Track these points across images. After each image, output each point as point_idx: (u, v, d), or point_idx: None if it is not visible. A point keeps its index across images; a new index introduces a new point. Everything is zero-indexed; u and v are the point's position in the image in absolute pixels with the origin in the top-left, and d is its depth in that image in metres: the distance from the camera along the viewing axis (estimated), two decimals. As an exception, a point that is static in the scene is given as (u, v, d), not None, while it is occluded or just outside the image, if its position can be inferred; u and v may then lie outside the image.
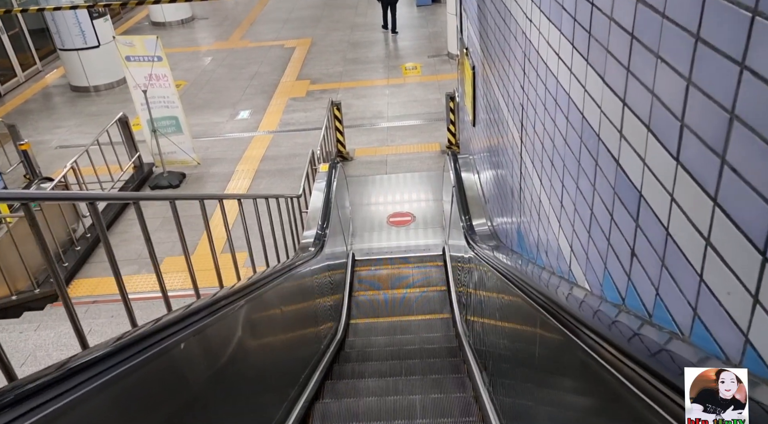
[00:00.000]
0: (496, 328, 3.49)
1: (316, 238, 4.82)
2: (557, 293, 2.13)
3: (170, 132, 7.93)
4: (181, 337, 1.92)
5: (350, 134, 9.10)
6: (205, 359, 2.26)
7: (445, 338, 4.46)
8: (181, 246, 3.16)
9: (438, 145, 8.67)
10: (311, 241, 4.79)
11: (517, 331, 2.81)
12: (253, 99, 10.83)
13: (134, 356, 1.54)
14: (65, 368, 1.30)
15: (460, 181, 5.61)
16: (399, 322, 4.81)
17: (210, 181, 8.09)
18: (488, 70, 4.65)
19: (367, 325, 4.86)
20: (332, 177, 5.94)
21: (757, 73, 0.93)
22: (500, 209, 4.55)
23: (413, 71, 11.68)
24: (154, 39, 7.26)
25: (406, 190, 7.58)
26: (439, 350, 4.14)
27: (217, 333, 2.47)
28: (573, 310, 1.74)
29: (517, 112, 3.49)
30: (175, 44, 14.52)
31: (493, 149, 4.71)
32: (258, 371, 2.90)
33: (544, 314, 2.02)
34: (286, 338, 3.62)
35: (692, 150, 1.18)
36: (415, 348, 4.19)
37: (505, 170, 4.22)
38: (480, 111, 5.45)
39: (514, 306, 2.83)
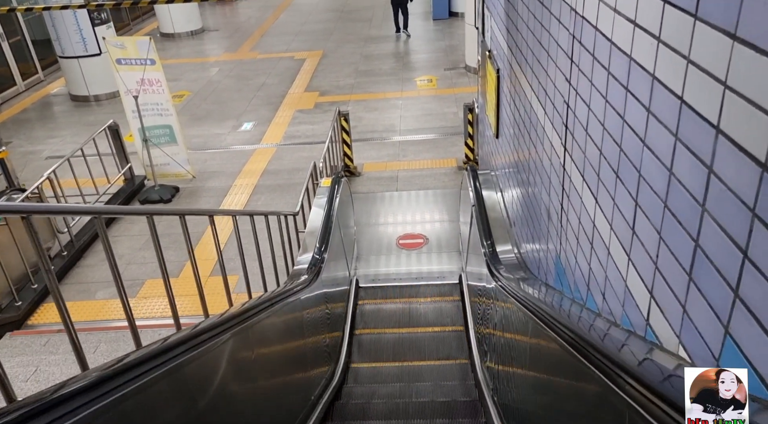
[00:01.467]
0: (527, 380, 2.74)
1: (311, 263, 4.11)
2: (646, 371, 1.38)
3: (163, 142, 7.31)
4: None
5: (359, 148, 8.44)
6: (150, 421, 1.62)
7: (463, 389, 3.70)
8: (160, 269, 2.90)
9: (454, 160, 7.97)
10: (305, 267, 4.08)
11: (557, 388, 2.08)
12: (258, 110, 10.24)
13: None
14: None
15: (480, 200, 4.90)
16: (408, 367, 4.07)
17: (205, 195, 7.44)
18: (517, 70, 3.95)
19: (370, 370, 4.12)
20: (335, 193, 5.25)
21: None
22: (530, 234, 3.83)
23: (428, 84, 11.04)
24: (147, 40, 6.68)
25: (418, 210, 6.87)
26: (454, 404, 3.39)
27: (167, 388, 1.81)
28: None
29: (559, 114, 2.79)
30: (183, 55, 14.06)
31: (522, 163, 4.01)
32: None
33: (606, 382, 1.31)
34: (263, 387, 2.90)
35: None
36: (427, 401, 3.44)
37: (537, 188, 3.51)
38: (505, 121, 4.75)
39: (553, 357, 2.10)
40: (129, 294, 5.38)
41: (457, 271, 5.75)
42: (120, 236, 6.58)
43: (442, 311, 4.95)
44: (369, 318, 4.92)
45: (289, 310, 3.41)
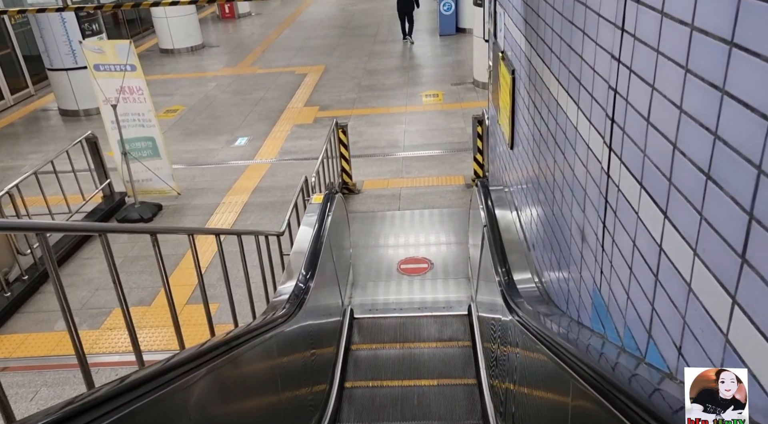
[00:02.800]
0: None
1: (293, 293, 3.45)
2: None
3: (145, 156, 6.72)
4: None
5: (359, 164, 7.82)
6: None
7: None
8: (118, 298, 2.54)
9: (462, 178, 7.34)
10: (285, 297, 3.42)
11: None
12: (254, 125, 9.68)
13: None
14: None
15: (493, 219, 4.25)
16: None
17: (190, 214, 6.82)
18: (539, 65, 3.34)
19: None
20: (327, 211, 4.61)
21: None
22: (554, 260, 3.17)
23: (434, 99, 10.47)
24: (126, 44, 6.13)
25: (422, 231, 6.22)
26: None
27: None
28: None
29: (600, 105, 2.15)
30: (180, 70, 13.61)
31: (544, 176, 3.37)
32: None
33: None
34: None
35: None
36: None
37: (565, 203, 2.87)
38: (521, 128, 4.13)
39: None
40: (93, 325, 4.69)
41: (465, 300, 5.07)
42: (92, 258, 5.96)
43: (450, 359, 4.24)
44: (364, 366, 4.22)
45: (259, 354, 2.74)
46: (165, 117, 10.32)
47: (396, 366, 4.08)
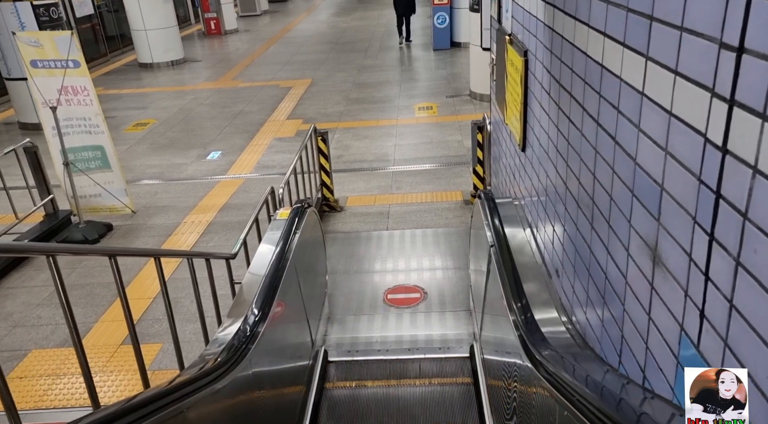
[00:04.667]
0: None
1: (233, 341, 2.50)
2: None
3: (93, 168, 5.80)
4: None
5: (343, 179, 6.94)
6: None
7: None
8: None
9: (459, 194, 6.44)
10: (222, 346, 2.47)
11: None
12: (230, 139, 8.79)
13: None
14: None
15: (502, 239, 3.33)
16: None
17: (144, 235, 5.87)
18: (571, 26, 2.47)
19: None
20: (294, 228, 3.69)
21: None
22: (593, 292, 2.27)
23: (428, 111, 9.64)
24: (68, 35, 5.25)
25: (414, 254, 5.29)
26: None
27: None
28: None
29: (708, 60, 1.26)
30: (158, 84, 12.78)
31: (576, 179, 2.47)
32: None
33: None
34: None
35: None
36: None
37: (614, 213, 1.97)
38: (537, 122, 3.25)
39: None
40: (4, 370, 3.62)
41: (466, 339, 4.12)
42: (17, 288, 4.98)
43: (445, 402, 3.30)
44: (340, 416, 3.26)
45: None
46: (133, 130, 9.44)
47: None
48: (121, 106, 10.96)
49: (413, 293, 4.65)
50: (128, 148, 8.60)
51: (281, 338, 3.29)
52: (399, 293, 4.65)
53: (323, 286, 4.54)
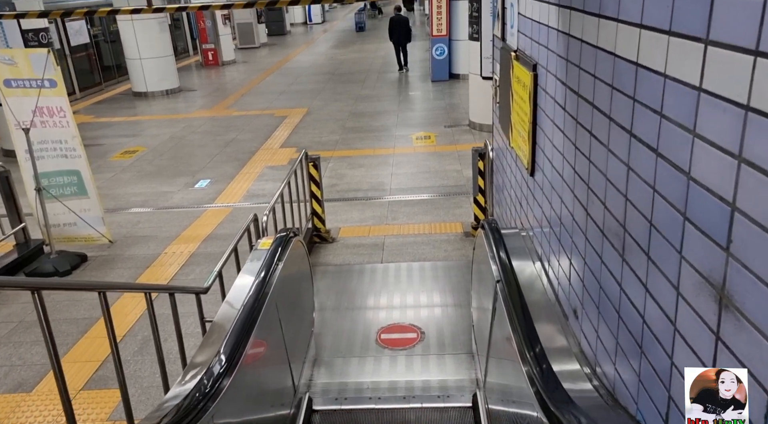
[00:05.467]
0: None
1: (189, 400, 2.08)
2: None
3: (68, 194, 5.43)
4: None
5: (336, 209, 6.57)
6: None
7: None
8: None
9: (459, 225, 6.07)
10: (180, 399, 2.05)
11: None
12: (220, 167, 8.45)
13: None
14: None
15: (510, 273, 2.94)
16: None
17: (121, 266, 5.46)
18: (591, 25, 2.14)
19: None
20: (276, 260, 3.30)
21: None
22: (626, 341, 1.87)
23: (426, 140, 9.34)
24: (44, 53, 4.95)
25: (411, 289, 4.88)
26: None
27: None
28: None
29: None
30: (151, 113, 12.54)
31: (600, 203, 2.11)
32: None
33: None
34: None
35: None
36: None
37: (657, 241, 1.58)
38: (549, 141, 2.90)
39: None
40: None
41: (468, 386, 3.68)
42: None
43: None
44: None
45: None
46: (120, 158, 9.11)
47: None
48: (111, 134, 10.67)
49: (409, 333, 4.22)
50: (113, 175, 8.25)
51: (256, 384, 2.87)
52: (393, 333, 4.23)
53: (309, 324, 4.11)
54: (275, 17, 26.70)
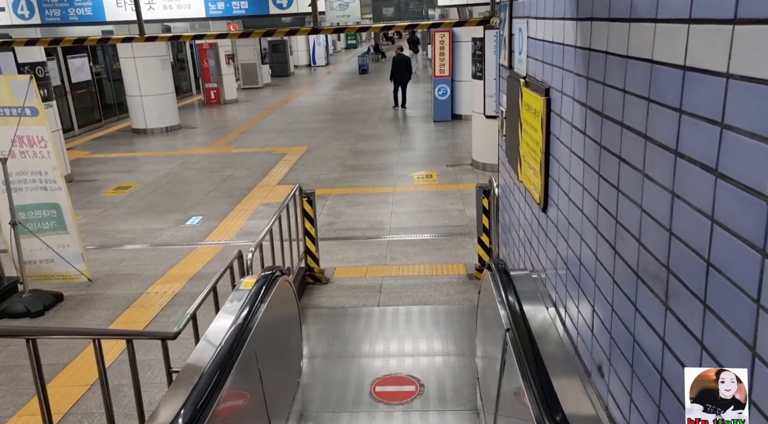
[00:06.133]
0: None
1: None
2: None
3: (46, 229, 5.11)
4: None
5: (332, 248, 6.24)
6: None
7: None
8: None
9: (462, 267, 5.71)
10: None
11: None
12: (214, 203, 8.16)
13: None
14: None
15: (521, 321, 2.58)
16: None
17: (98, 306, 5.09)
18: (618, 31, 1.85)
19: None
20: (257, 302, 2.95)
21: None
22: (672, 409, 1.49)
23: (428, 179, 9.07)
24: (25, 81, 4.71)
25: (409, 335, 4.49)
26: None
27: None
28: None
29: None
30: (149, 149, 12.36)
31: (624, 240, 1.77)
32: None
33: None
34: None
35: None
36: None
37: (716, 282, 1.22)
38: (564, 172, 2.59)
39: None
40: None
41: (473, 447, 3.27)
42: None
43: None
44: None
45: None
46: (112, 194, 8.83)
47: None
48: (105, 170, 10.43)
49: (407, 385, 3.82)
50: (103, 211, 7.95)
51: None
52: (390, 385, 3.82)
53: (296, 374, 3.72)
54: (279, 59, 26.95)
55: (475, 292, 5.02)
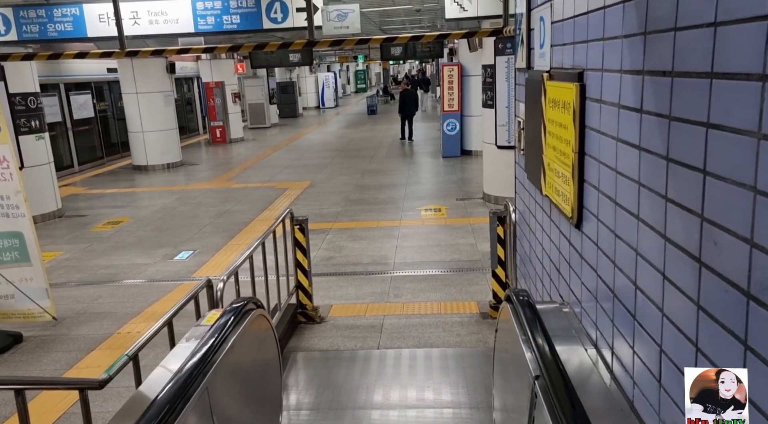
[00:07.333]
0: None
1: None
2: None
3: (7, 261, 4.56)
4: None
5: (330, 284, 5.64)
6: None
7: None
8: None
9: (474, 304, 5.07)
10: None
11: None
12: (207, 238, 7.61)
13: None
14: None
15: (553, 366, 1.96)
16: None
17: (60, 349, 4.48)
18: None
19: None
20: (218, 341, 2.34)
21: None
22: None
23: (436, 213, 8.50)
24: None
25: (413, 384, 3.82)
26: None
27: None
28: None
29: None
30: (149, 184, 11.94)
31: (722, 244, 1.13)
32: None
33: None
34: None
35: None
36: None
37: None
38: (608, 172, 2.01)
39: None
40: None
41: None
42: None
43: None
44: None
45: None
46: (101, 229, 8.32)
47: None
48: (98, 205, 9.97)
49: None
50: (87, 246, 7.42)
51: None
52: (389, 445, 3.15)
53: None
54: (288, 100, 26.92)
55: (490, 332, 4.37)
